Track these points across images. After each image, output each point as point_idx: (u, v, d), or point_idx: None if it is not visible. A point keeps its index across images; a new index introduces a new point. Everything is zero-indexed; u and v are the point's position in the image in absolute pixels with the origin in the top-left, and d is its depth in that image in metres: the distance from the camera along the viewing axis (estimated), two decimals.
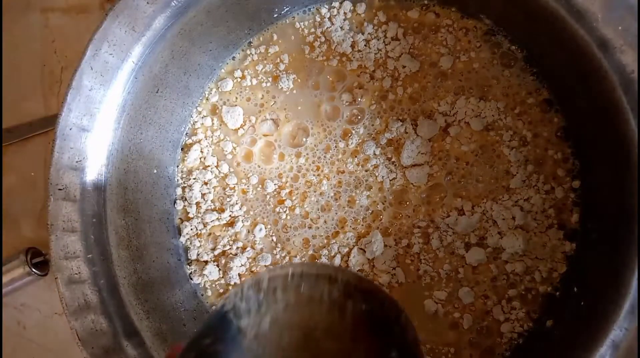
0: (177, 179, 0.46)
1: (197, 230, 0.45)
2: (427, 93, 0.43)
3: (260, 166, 0.45)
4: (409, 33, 0.44)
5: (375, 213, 0.43)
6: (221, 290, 0.45)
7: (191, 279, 0.45)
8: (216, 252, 0.45)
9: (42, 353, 0.51)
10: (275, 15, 0.45)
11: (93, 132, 0.38)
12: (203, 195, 0.45)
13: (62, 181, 0.37)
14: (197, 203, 0.45)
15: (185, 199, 0.45)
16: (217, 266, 0.45)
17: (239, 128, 0.45)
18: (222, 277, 0.45)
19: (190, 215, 0.45)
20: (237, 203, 0.45)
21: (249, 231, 0.45)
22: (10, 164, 0.52)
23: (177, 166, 0.46)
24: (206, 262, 0.45)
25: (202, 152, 0.45)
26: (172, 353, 0.27)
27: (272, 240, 0.44)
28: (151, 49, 0.39)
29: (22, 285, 0.47)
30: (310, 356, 0.20)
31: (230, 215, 0.45)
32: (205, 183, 0.45)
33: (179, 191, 0.45)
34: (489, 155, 0.43)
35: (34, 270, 0.46)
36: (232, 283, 0.45)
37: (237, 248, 0.45)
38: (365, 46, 0.44)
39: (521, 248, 0.41)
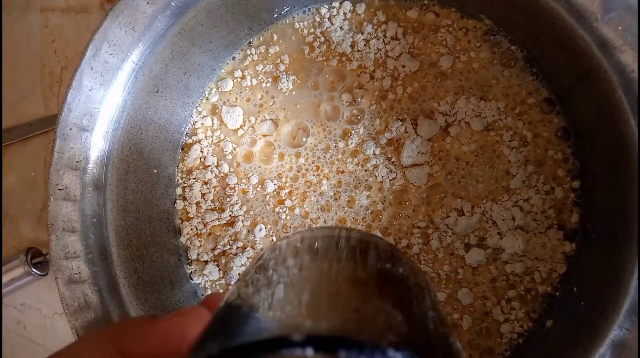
0: (177, 179, 0.46)
1: (197, 229, 0.45)
2: (427, 93, 0.43)
3: (260, 166, 0.45)
4: (409, 33, 0.44)
5: (375, 213, 0.43)
6: (221, 290, 0.45)
7: (191, 279, 0.45)
8: (216, 252, 0.45)
9: (42, 353, 0.51)
10: (275, 16, 0.45)
11: (93, 133, 0.38)
12: (203, 195, 0.45)
13: (62, 181, 0.37)
14: (197, 203, 0.45)
15: (185, 199, 0.45)
16: (217, 266, 0.45)
17: (238, 128, 0.45)
18: (223, 277, 0.45)
19: (191, 215, 0.45)
20: (237, 203, 0.45)
21: (249, 231, 0.45)
22: (10, 164, 0.52)
23: (177, 166, 0.46)
24: (206, 262, 0.45)
25: (202, 152, 0.46)
26: (211, 301, 0.26)
27: (272, 239, 0.44)
28: (151, 49, 0.39)
29: (22, 285, 0.47)
30: (337, 305, 0.18)
31: (230, 215, 0.45)
32: (206, 183, 0.45)
33: (179, 190, 0.45)
34: (489, 155, 0.43)
35: (34, 270, 0.46)
36: (232, 282, 0.45)
37: (238, 247, 0.45)
38: (365, 45, 0.44)
39: (521, 248, 0.41)
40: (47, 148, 0.51)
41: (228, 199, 0.45)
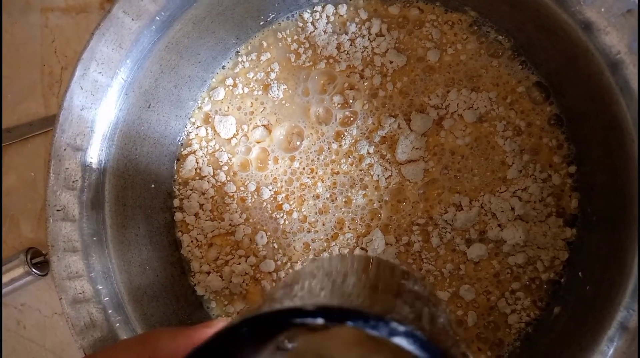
0: (175, 191, 0.46)
1: (197, 241, 0.45)
2: (416, 87, 0.43)
3: (256, 173, 0.45)
4: (393, 28, 0.44)
5: (373, 212, 0.43)
6: (225, 302, 0.45)
7: (195, 291, 0.45)
8: (218, 262, 0.45)
9: (42, 353, 0.51)
10: (261, 23, 0.45)
11: (87, 151, 0.38)
12: (201, 205, 0.45)
13: (60, 202, 0.37)
14: (196, 214, 0.45)
15: (184, 211, 0.45)
16: (220, 276, 0.45)
17: (232, 138, 0.45)
18: (227, 287, 0.45)
19: (190, 226, 0.45)
20: (236, 211, 0.45)
21: (250, 240, 0.45)
22: (10, 164, 0.52)
23: (174, 178, 0.46)
24: (209, 273, 0.45)
25: (197, 163, 0.45)
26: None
27: (274, 246, 0.44)
28: (140, 65, 0.39)
29: (22, 285, 0.47)
30: (350, 298, 0.19)
31: (230, 224, 0.45)
32: (203, 193, 0.45)
33: (176, 202, 0.45)
34: (484, 147, 0.43)
35: (34, 270, 0.46)
36: (236, 292, 0.45)
37: (240, 256, 0.45)
38: (350, 45, 0.44)
39: (522, 238, 0.40)
40: (47, 148, 0.51)
41: (227, 208, 0.45)
